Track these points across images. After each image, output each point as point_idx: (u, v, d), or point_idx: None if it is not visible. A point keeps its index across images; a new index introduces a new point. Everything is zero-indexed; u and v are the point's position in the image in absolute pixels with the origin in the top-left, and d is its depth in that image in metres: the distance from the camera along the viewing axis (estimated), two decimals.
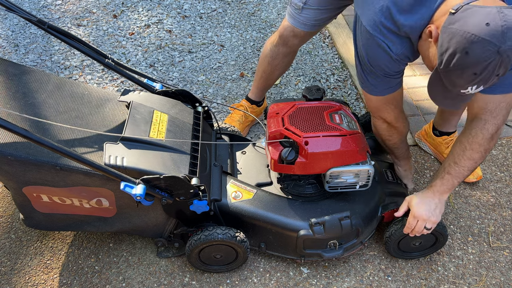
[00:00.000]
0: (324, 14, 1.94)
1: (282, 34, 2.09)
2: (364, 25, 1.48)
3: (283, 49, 2.13)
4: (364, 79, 1.63)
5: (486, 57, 1.23)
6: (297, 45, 2.13)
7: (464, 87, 1.32)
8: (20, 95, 1.61)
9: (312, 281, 1.84)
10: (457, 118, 2.25)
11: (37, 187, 1.54)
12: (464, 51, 1.24)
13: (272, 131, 1.69)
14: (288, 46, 2.12)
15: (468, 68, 1.26)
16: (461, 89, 1.33)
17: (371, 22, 1.45)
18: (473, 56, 1.24)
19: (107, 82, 2.73)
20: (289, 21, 2.03)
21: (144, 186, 1.47)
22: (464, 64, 1.26)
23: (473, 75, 1.27)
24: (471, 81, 1.28)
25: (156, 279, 1.82)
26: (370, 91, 1.66)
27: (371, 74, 1.58)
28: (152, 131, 1.64)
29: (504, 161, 2.38)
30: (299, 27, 2.00)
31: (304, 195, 1.78)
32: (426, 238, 1.81)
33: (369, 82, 1.62)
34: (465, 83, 1.30)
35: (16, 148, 1.43)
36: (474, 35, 1.23)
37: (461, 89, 1.33)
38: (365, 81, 1.63)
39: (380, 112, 1.73)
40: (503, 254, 1.97)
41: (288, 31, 2.05)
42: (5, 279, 1.80)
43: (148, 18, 3.27)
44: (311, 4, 1.90)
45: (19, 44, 2.97)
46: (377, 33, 1.45)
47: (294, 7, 1.96)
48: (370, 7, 1.45)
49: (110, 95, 1.79)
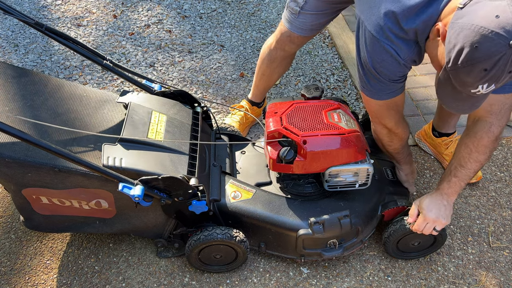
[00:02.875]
0: (321, 18, 1.92)
1: (279, 40, 2.08)
2: (369, 30, 1.43)
3: (281, 53, 2.13)
4: (366, 83, 1.58)
5: (497, 51, 1.16)
6: (294, 49, 2.13)
7: (474, 86, 1.24)
8: (19, 97, 1.61)
9: (312, 281, 1.84)
10: (455, 119, 2.25)
11: (36, 189, 1.54)
12: (473, 45, 1.18)
13: (271, 130, 1.69)
14: (285, 50, 2.11)
15: (477, 63, 1.19)
16: (471, 89, 1.25)
17: (377, 27, 1.41)
18: (482, 50, 1.17)
19: (107, 82, 2.73)
20: (286, 26, 2.01)
21: (143, 187, 1.47)
22: (473, 59, 1.19)
23: (483, 71, 1.20)
24: (482, 78, 1.21)
25: (156, 279, 1.82)
26: (372, 95, 1.62)
27: (374, 79, 1.54)
28: (150, 132, 1.64)
29: (504, 161, 2.38)
30: (296, 31, 1.98)
31: (303, 194, 1.78)
32: (425, 238, 1.81)
33: (371, 86, 1.58)
34: (475, 81, 1.23)
35: (15, 150, 1.43)
36: (483, 27, 1.16)
37: (471, 88, 1.25)
38: (366, 85, 1.59)
39: (381, 117, 1.71)
40: (503, 254, 1.97)
41: (284, 37, 2.04)
42: (5, 279, 1.80)
43: (148, 18, 3.27)
44: (308, 9, 1.87)
45: (19, 44, 2.98)
46: (383, 38, 1.41)
47: (291, 11, 1.94)
48: (374, 11, 1.41)
49: (108, 96, 1.79)
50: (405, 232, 1.75)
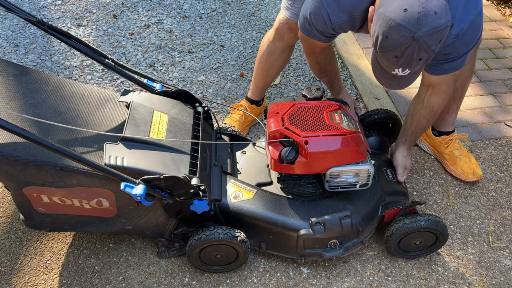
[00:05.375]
0: None
1: (278, 28, 2.11)
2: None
3: (280, 43, 2.15)
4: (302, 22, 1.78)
5: (403, 42, 1.29)
6: (293, 39, 2.14)
7: (392, 69, 1.39)
8: (20, 95, 1.61)
9: (312, 281, 1.84)
10: (453, 116, 2.26)
11: (37, 187, 1.54)
12: (385, 35, 1.32)
13: (272, 130, 1.69)
14: (284, 40, 2.13)
15: (389, 51, 1.34)
16: (391, 71, 1.41)
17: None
18: (391, 40, 1.31)
19: (107, 82, 2.73)
20: (284, 13, 2.05)
21: (144, 186, 1.47)
22: (385, 47, 1.34)
23: (395, 58, 1.34)
24: (395, 63, 1.35)
25: (156, 279, 1.82)
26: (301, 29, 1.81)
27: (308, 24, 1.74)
28: (152, 131, 1.64)
29: (504, 161, 2.38)
30: (294, 18, 2.01)
31: (304, 195, 1.78)
32: (426, 237, 1.81)
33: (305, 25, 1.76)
34: (390, 65, 1.38)
35: (16, 149, 1.43)
36: (392, 19, 1.29)
37: (390, 70, 1.40)
38: (303, 24, 1.78)
39: None
40: (503, 254, 1.97)
41: (283, 24, 2.08)
42: (5, 279, 1.80)
43: (148, 18, 3.27)
44: None
45: (19, 44, 2.97)
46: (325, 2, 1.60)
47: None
48: None
49: (110, 95, 1.79)
50: (407, 231, 1.75)
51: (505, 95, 2.76)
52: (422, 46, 1.30)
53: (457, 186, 2.24)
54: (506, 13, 3.52)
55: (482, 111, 2.64)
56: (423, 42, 1.29)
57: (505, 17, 3.47)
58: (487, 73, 2.91)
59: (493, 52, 3.09)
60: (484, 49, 3.10)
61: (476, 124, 2.57)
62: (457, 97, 2.16)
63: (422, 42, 1.29)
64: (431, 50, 1.34)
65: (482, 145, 2.46)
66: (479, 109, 2.66)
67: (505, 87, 2.81)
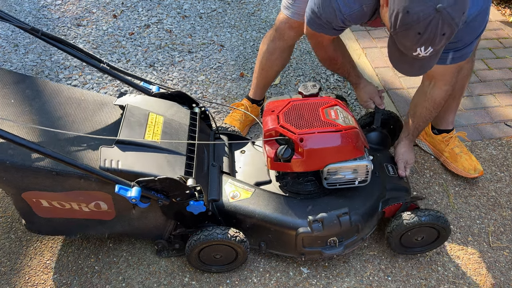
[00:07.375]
0: None
1: (278, 27, 2.10)
2: None
3: (280, 43, 2.14)
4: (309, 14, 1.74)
5: (426, 15, 1.26)
6: (293, 38, 2.13)
7: (414, 49, 1.35)
8: (17, 102, 1.62)
9: (312, 281, 1.84)
10: (452, 115, 2.26)
11: (36, 192, 1.55)
12: (406, 10, 1.28)
13: (268, 129, 1.69)
14: (284, 39, 2.13)
15: (411, 28, 1.30)
16: (412, 52, 1.37)
17: None
18: (413, 14, 1.27)
19: (107, 82, 2.73)
20: (284, 13, 2.04)
21: (139, 188, 1.47)
22: (407, 23, 1.30)
23: (418, 35, 1.30)
24: (418, 41, 1.32)
25: (156, 279, 1.82)
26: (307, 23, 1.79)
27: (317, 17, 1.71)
28: (147, 133, 1.64)
29: (504, 161, 2.38)
30: (294, 17, 2.01)
31: (303, 193, 1.78)
32: (428, 232, 1.80)
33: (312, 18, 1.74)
34: (412, 44, 1.34)
35: (13, 155, 1.44)
36: None
37: (412, 51, 1.37)
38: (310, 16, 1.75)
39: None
40: (503, 254, 1.97)
41: (283, 23, 2.07)
42: (5, 279, 1.80)
43: (148, 18, 3.27)
44: None
45: (19, 44, 2.97)
46: None
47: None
48: None
49: (106, 99, 1.80)
50: (407, 227, 1.74)
51: (505, 95, 2.75)
52: (445, 18, 1.25)
53: (457, 186, 2.24)
54: (506, 13, 3.52)
55: (482, 111, 2.64)
56: (446, 14, 1.24)
57: (505, 17, 3.47)
58: (487, 73, 2.91)
59: (493, 52, 3.09)
60: (484, 49, 3.10)
61: (476, 124, 2.57)
62: (457, 96, 2.16)
63: (446, 14, 1.24)
64: (455, 23, 1.29)
65: (482, 145, 2.46)
66: (479, 109, 2.66)
67: (505, 87, 2.81)
